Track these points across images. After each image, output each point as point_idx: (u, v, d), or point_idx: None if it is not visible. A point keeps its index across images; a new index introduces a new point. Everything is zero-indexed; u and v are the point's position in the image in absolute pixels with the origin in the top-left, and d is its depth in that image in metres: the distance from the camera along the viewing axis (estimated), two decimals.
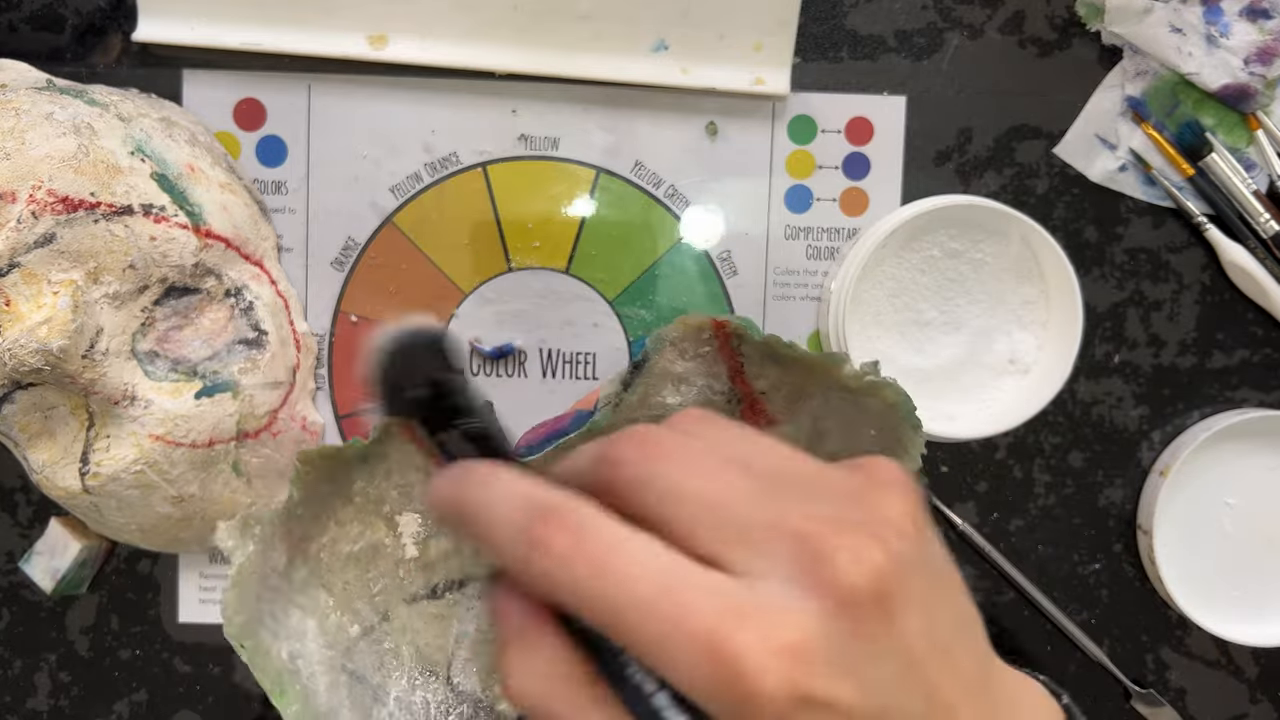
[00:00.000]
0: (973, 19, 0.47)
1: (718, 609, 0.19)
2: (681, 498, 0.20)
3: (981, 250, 0.45)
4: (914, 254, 0.45)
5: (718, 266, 0.48)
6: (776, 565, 0.19)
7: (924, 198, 0.46)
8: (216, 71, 0.46)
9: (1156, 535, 0.46)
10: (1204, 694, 0.50)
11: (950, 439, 0.44)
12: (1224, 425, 0.46)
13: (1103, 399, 0.49)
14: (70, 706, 0.48)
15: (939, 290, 0.46)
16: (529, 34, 0.45)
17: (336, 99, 0.47)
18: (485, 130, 0.47)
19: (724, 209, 0.48)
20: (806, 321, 0.48)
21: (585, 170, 0.48)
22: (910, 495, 0.21)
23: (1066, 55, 0.48)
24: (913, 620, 0.20)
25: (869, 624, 0.19)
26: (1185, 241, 0.48)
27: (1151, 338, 0.49)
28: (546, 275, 0.48)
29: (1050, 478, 0.49)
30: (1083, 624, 0.49)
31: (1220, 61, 0.46)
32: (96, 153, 0.39)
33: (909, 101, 0.48)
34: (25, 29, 0.46)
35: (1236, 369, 0.49)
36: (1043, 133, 0.48)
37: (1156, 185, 0.48)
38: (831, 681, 0.18)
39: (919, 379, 0.45)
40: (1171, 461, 0.46)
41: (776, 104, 0.47)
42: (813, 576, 0.19)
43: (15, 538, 0.48)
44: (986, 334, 0.46)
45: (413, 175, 0.47)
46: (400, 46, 0.46)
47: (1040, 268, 0.45)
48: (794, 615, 0.19)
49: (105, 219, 0.38)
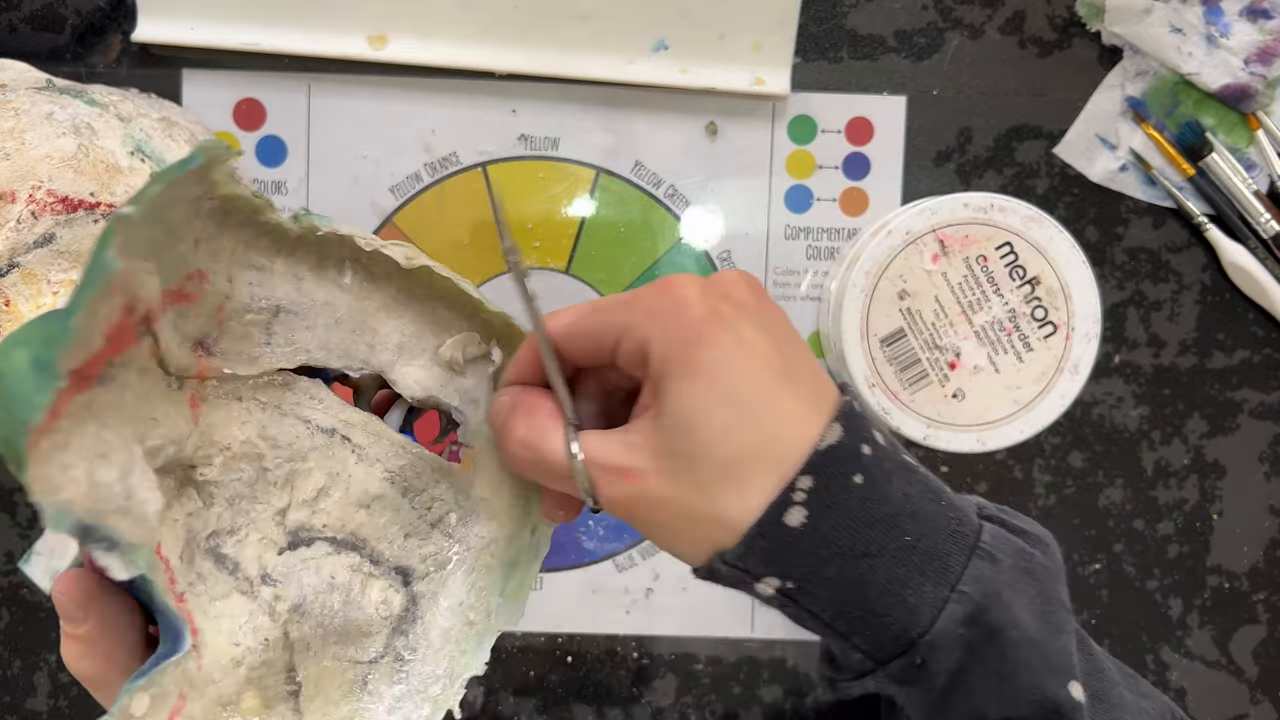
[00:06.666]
0: (973, 19, 0.47)
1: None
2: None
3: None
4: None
5: (718, 266, 0.48)
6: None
7: (924, 198, 0.46)
8: (216, 71, 0.46)
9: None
10: (1204, 694, 0.50)
11: (977, 452, 0.44)
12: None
13: (1103, 399, 0.49)
14: (70, 706, 0.48)
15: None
16: (529, 34, 0.45)
17: (336, 99, 0.47)
18: (485, 130, 0.47)
19: (724, 209, 0.48)
20: (807, 321, 0.48)
21: (585, 170, 0.47)
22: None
23: (1066, 55, 0.48)
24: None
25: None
26: (1185, 241, 0.48)
27: (1151, 338, 0.49)
28: (546, 275, 0.48)
29: (1050, 478, 0.49)
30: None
31: (1220, 61, 0.46)
32: (96, 153, 0.39)
33: (909, 101, 0.48)
34: (25, 29, 0.46)
35: (1236, 369, 0.49)
36: (1043, 133, 0.48)
37: (1157, 185, 0.48)
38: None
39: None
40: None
41: (776, 104, 0.47)
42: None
43: (15, 538, 0.48)
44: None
45: (413, 175, 0.47)
46: (400, 46, 0.46)
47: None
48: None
49: (105, 219, 0.38)
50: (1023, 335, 0.45)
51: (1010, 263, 0.44)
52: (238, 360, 0.33)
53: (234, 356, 0.33)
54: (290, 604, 0.33)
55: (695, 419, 0.27)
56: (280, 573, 0.33)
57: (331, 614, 0.34)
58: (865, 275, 0.44)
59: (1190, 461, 0.49)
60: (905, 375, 0.44)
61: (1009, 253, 0.45)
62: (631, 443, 0.28)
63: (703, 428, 0.27)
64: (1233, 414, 0.49)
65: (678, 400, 0.27)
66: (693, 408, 0.27)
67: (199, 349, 0.31)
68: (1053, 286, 0.45)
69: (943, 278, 0.45)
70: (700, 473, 0.27)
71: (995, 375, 0.45)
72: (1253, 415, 0.49)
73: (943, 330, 0.44)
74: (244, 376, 0.33)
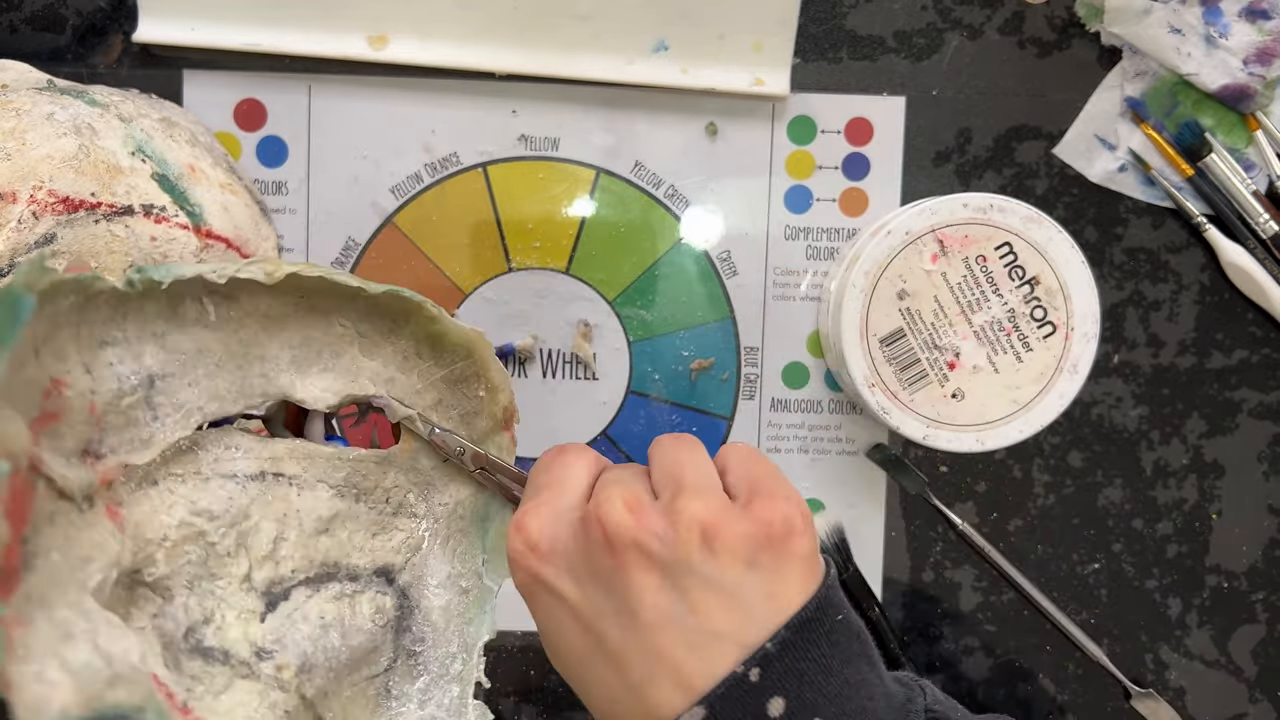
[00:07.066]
0: (973, 19, 0.47)
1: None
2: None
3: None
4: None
5: (717, 267, 0.48)
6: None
7: (923, 198, 0.46)
8: (217, 72, 0.47)
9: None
10: (1203, 694, 0.50)
11: (975, 452, 0.44)
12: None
13: (1102, 399, 0.49)
14: None
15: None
16: (529, 34, 0.46)
17: (337, 99, 0.47)
18: (485, 130, 0.47)
19: (724, 209, 0.48)
20: (807, 322, 0.48)
21: (585, 170, 0.48)
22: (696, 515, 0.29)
23: (1066, 55, 0.48)
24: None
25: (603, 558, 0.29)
26: (1185, 242, 0.48)
27: (1151, 338, 0.49)
28: (546, 275, 0.48)
29: (1050, 478, 0.49)
30: (1082, 624, 0.49)
31: (1219, 62, 0.46)
32: (97, 153, 0.39)
33: (909, 102, 0.48)
34: (26, 29, 0.46)
35: (1236, 369, 0.49)
36: (1042, 133, 0.48)
37: (1156, 185, 0.48)
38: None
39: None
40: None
41: (776, 104, 0.47)
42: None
43: None
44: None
45: (413, 175, 0.47)
46: (400, 47, 0.46)
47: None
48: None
49: (106, 219, 0.39)
50: (1022, 335, 0.45)
51: (1009, 263, 0.45)
52: (132, 450, 0.30)
53: (126, 448, 0.30)
54: (294, 668, 0.32)
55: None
56: (272, 641, 0.32)
57: (335, 653, 0.33)
58: (865, 275, 0.44)
59: (1189, 461, 0.49)
60: (904, 375, 0.44)
61: (1008, 253, 0.45)
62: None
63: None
64: (1232, 414, 0.49)
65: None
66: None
67: (88, 458, 0.29)
68: (1052, 286, 0.45)
69: (942, 278, 0.45)
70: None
71: (994, 375, 0.45)
72: (1252, 415, 0.49)
73: (942, 330, 0.44)
74: (149, 462, 0.31)
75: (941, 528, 0.49)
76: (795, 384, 0.49)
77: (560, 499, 0.31)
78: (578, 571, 0.29)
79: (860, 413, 0.49)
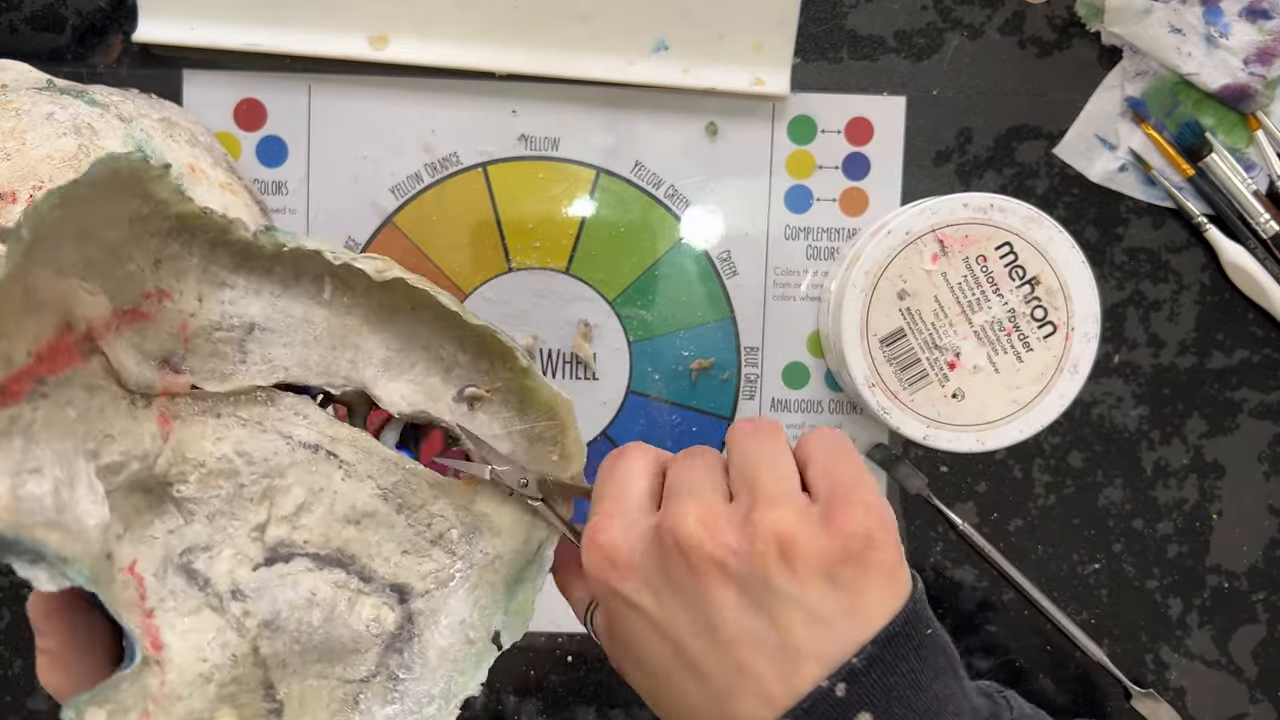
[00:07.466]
0: (973, 19, 0.47)
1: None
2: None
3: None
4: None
5: (717, 266, 0.48)
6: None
7: (924, 198, 0.46)
8: (217, 72, 0.47)
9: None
10: (1204, 694, 0.50)
11: (977, 452, 0.44)
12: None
13: (1102, 399, 0.49)
14: None
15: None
16: (529, 34, 0.46)
17: (337, 99, 0.47)
18: (485, 130, 0.47)
19: (724, 209, 0.48)
20: (807, 322, 0.48)
21: (585, 170, 0.48)
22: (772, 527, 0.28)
23: (1066, 55, 0.48)
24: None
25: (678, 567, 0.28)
26: (1185, 242, 0.48)
27: (1151, 338, 0.49)
28: (546, 275, 0.48)
29: (1050, 478, 0.49)
30: (1083, 624, 0.49)
31: (1220, 62, 0.46)
32: (97, 153, 0.39)
33: (909, 102, 0.48)
34: (26, 29, 0.46)
35: (1236, 369, 0.49)
36: (1043, 133, 0.48)
37: (1156, 185, 0.48)
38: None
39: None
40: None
41: (776, 104, 0.47)
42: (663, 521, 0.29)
43: None
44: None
45: (413, 175, 0.47)
46: (401, 46, 0.46)
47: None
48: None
49: None
50: (1022, 335, 0.45)
51: (1010, 263, 0.45)
52: (208, 377, 0.32)
53: (204, 374, 0.32)
54: (260, 619, 0.32)
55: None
56: (252, 588, 0.33)
57: (310, 630, 0.33)
58: (865, 275, 0.44)
59: (1190, 461, 0.49)
60: (905, 375, 0.44)
61: (1009, 253, 0.45)
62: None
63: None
64: (1232, 414, 0.49)
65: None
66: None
67: (165, 366, 0.31)
68: (1052, 286, 0.45)
69: (942, 278, 0.45)
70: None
71: (995, 375, 0.45)
72: (1252, 415, 0.49)
73: (942, 330, 0.44)
74: (220, 394, 0.33)
75: (942, 528, 0.49)
76: (795, 384, 0.49)
77: (629, 507, 0.30)
78: (655, 583, 0.29)
79: (861, 413, 0.49)
